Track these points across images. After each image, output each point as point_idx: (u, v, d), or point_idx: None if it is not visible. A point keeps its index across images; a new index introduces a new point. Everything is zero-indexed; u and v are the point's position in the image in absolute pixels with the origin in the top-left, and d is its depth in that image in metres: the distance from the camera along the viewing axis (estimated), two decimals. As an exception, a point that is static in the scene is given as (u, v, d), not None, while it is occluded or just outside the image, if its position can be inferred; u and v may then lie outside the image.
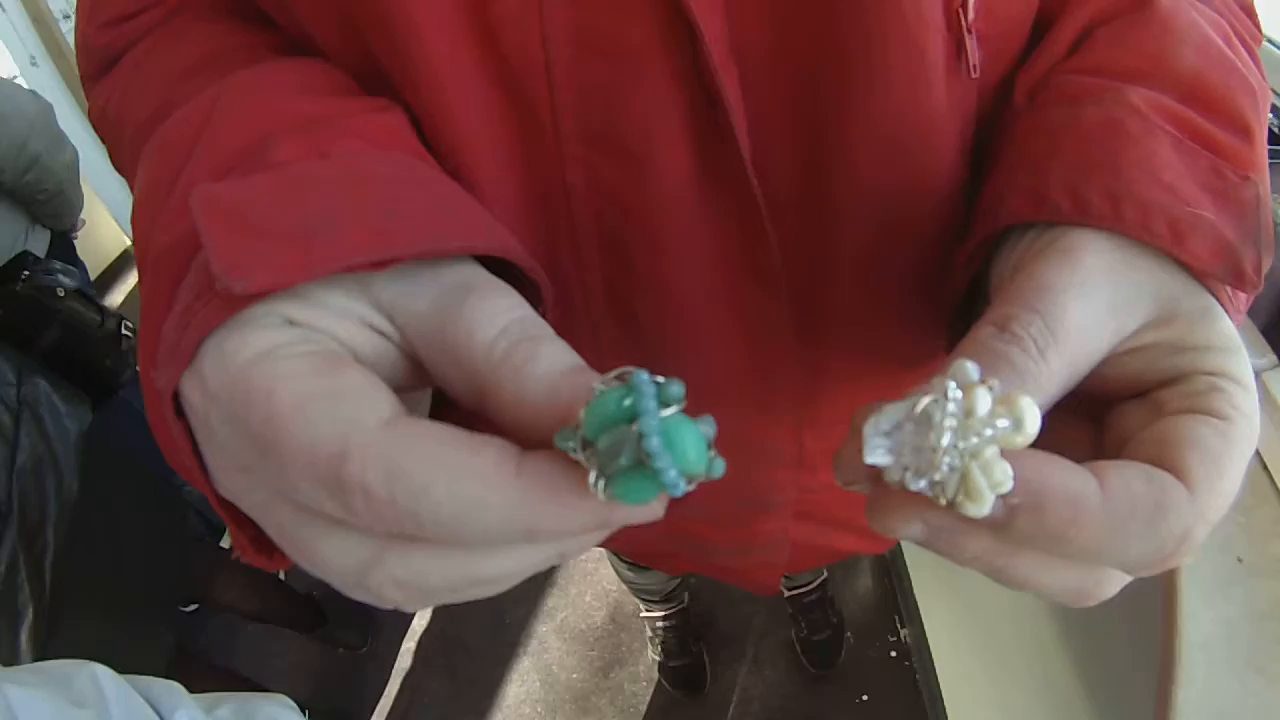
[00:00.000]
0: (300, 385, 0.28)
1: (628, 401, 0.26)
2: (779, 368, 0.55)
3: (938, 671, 1.95)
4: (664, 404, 0.27)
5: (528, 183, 0.46)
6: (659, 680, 2.24)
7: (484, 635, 2.39)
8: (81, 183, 2.03)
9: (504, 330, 0.31)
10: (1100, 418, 0.37)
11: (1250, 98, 0.42)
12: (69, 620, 1.44)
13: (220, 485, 0.32)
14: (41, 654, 1.36)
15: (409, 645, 2.41)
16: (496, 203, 0.45)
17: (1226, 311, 0.36)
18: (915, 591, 2.10)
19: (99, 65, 0.53)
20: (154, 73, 0.48)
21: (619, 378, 0.28)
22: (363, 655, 2.40)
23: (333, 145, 0.37)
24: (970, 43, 0.44)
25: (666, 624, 2.18)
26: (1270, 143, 1.08)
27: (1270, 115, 1.12)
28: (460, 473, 0.27)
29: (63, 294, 1.65)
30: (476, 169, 0.44)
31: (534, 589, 2.44)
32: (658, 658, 2.23)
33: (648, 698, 2.24)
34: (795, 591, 2.16)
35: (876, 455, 0.30)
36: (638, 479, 0.26)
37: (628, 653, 2.32)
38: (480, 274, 0.34)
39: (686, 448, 0.26)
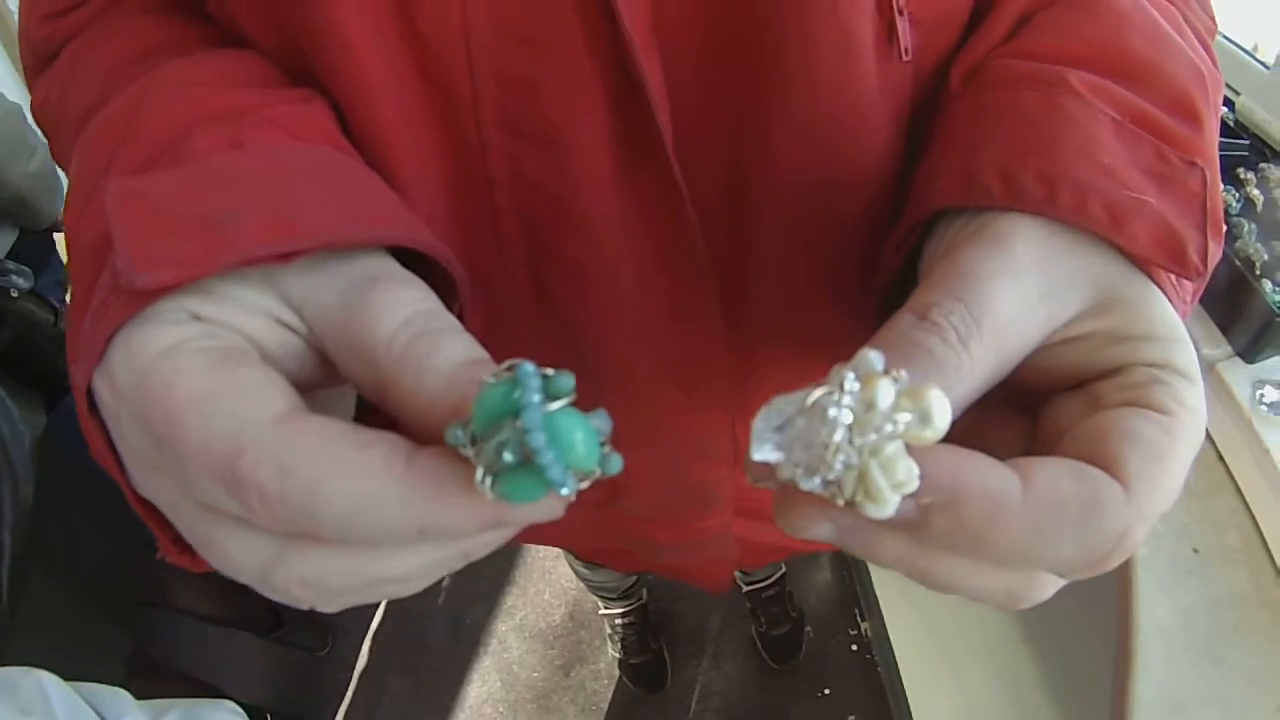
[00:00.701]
0: (198, 382, 0.28)
1: (516, 395, 0.25)
2: (708, 358, 0.54)
3: (899, 664, 1.96)
4: (552, 397, 0.26)
5: (451, 172, 0.46)
6: (620, 677, 2.23)
7: (444, 635, 2.36)
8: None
9: (406, 322, 0.31)
10: (1034, 411, 0.36)
11: (1200, 85, 0.40)
12: (25, 625, 1.43)
13: (136, 483, 0.32)
14: (-1, 660, 1.34)
15: (369, 647, 2.38)
16: (419, 192, 0.45)
17: (1171, 302, 0.35)
18: (875, 585, 2.11)
19: (40, 58, 0.52)
20: (91, 66, 0.47)
21: (509, 370, 0.27)
22: (323, 657, 2.37)
23: (250, 136, 0.37)
24: (901, 25, 0.43)
25: (625, 621, 2.17)
26: (1224, 135, 1.10)
27: (1225, 109, 1.15)
28: (349, 469, 0.27)
29: (15, 295, 1.61)
30: (399, 158, 0.43)
31: (492, 588, 2.42)
32: (618, 655, 2.22)
33: (609, 695, 2.23)
34: (753, 586, 2.16)
35: (765, 451, 0.28)
36: (524, 477, 0.26)
37: (588, 650, 2.30)
38: (388, 266, 0.34)
39: (574, 442, 0.26)
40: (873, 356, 0.27)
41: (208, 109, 0.38)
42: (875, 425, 0.26)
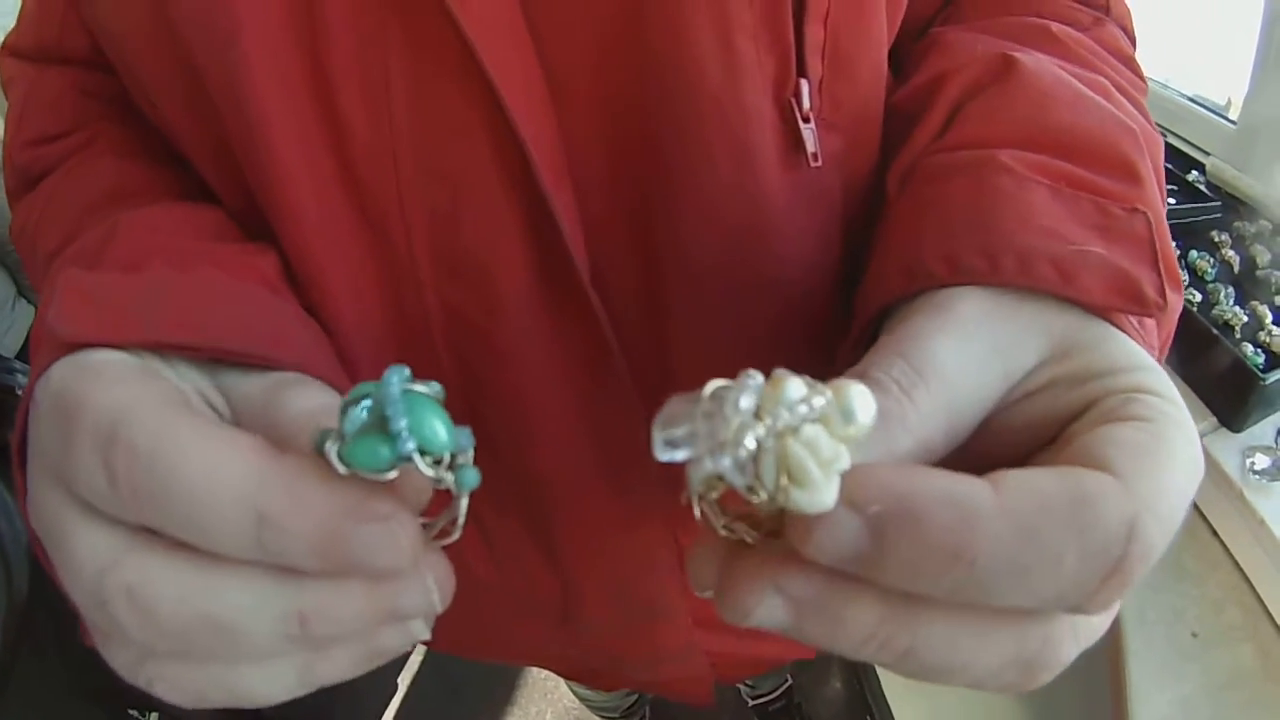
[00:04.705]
0: (118, 368, 0.32)
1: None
2: (642, 482, 0.54)
3: (913, 773, 1.88)
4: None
5: (389, 310, 0.47)
6: (626, 802, 2.13)
7: (443, 764, 2.28)
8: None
9: (320, 408, 0.33)
10: None
11: (1134, 143, 0.40)
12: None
13: (32, 504, 0.32)
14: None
15: (366, 778, 2.28)
16: (361, 333, 0.47)
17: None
18: (885, 692, 2.03)
19: (22, 182, 0.56)
20: (66, 203, 0.51)
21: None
22: (317, 789, 2.28)
23: (193, 270, 0.40)
24: (807, 132, 0.44)
25: (629, 742, 2.09)
26: (1194, 200, 1.09)
27: (1195, 172, 1.13)
28: (211, 435, 0.28)
29: (20, 394, 1.64)
30: (340, 300, 0.46)
31: (492, 712, 2.33)
32: (623, 778, 2.13)
33: (616, 821, 2.12)
34: (759, 700, 2.08)
35: (667, 451, 0.26)
36: (371, 438, 0.26)
37: (592, 775, 2.21)
38: (309, 377, 0.37)
39: (426, 414, 0.26)
40: (784, 372, 0.25)
41: (163, 249, 0.41)
42: (787, 405, 0.24)
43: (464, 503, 0.29)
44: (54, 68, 0.56)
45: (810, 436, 0.24)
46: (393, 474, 0.27)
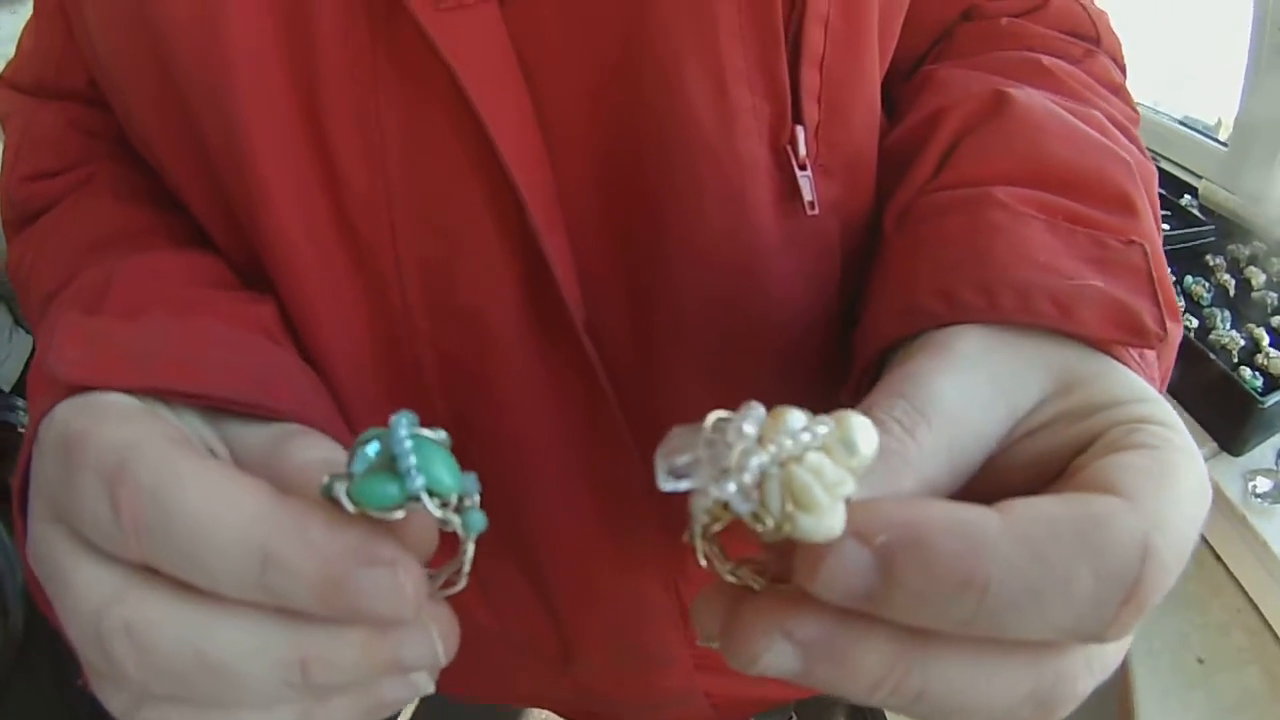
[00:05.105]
0: (123, 408, 0.32)
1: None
2: (638, 527, 0.53)
3: (922, 808, 1.85)
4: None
5: (383, 356, 0.47)
6: (631, 841, 2.10)
7: (446, 805, 2.24)
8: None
9: (321, 460, 0.33)
10: None
11: (1129, 175, 0.40)
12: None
13: (32, 541, 0.32)
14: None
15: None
16: (354, 377, 0.47)
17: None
18: (892, 724, 2.01)
19: (19, 217, 0.55)
20: (63, 242, 0.50)
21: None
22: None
23: (192, 316, 0.40)
24: (804, 180, 0.43)
25: (630, 784, 2.05)
26: (1188, 224, 1.09)
27: (1188, 196, 1.13)
28: (219, 473, 0.28)
29: (23, 431, 1.64)
30: (333, 344, 0.45)
31: (496, 752, 2.31)
32: (627, 818, 2.09)
33: None
34: (761, 739, 2.05)
35: (670, 481, 0.25)
36: (380, 477, 0.26)
37: (597, 813, 2.17)
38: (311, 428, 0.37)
39: (434, 458, 0.27)
40: (785, 407, 0.25)
41: (162, 297, 0.41)
42: (789, 433, 0.24)
43: (470, 549, 0.29)
44: (51, 102, 0.56)
45: (815, 463, 0.23)
46: (400, 514, 0.26)
